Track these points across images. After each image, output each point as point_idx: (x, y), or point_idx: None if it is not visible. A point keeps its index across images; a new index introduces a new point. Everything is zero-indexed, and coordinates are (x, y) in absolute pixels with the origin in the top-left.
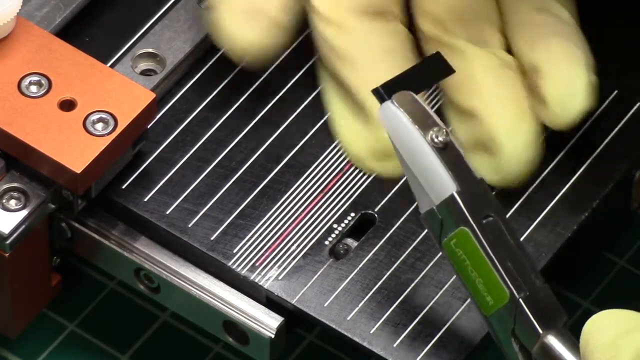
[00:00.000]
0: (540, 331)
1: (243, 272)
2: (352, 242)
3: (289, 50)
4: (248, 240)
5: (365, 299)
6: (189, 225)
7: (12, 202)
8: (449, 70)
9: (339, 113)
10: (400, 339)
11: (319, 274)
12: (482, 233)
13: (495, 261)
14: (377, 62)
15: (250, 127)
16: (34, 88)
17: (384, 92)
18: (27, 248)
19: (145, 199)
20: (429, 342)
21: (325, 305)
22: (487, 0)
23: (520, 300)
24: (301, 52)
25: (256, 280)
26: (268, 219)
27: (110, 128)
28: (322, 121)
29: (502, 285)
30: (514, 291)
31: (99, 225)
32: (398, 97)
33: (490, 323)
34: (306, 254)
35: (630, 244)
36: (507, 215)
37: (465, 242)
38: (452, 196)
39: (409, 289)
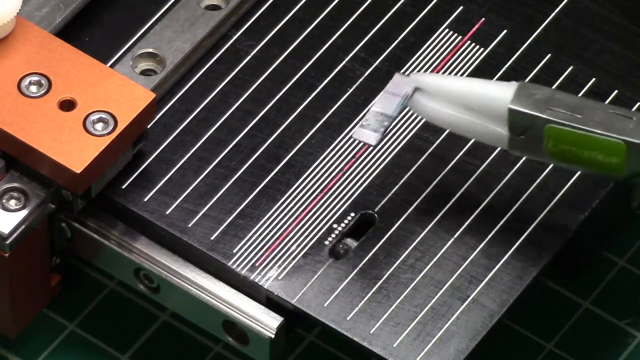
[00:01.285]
0: None
1: (243, 272)
2: (352, 242)
3: (288, 51)
4: (248, 240)
5: (365, 299)
6: (189, 225)
7: (12, 202)
8: None
9: None
10: (400, 339)
11: (319, 274)
12: (558, 117)
13: (588, 127)
14: None
15: (250, 127)
16: (33, 88)
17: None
18: (27, 248)
19: (145, 199)
20: (429, 342)
21: (325, 305)
22: None
23: (630, 139)
24: (301, 52)
25: (256, 280)
26: (268, 219)
27: (110, 128)
28: (322, 121)
29: (611, 139)
30: (623, 136)
31: (99, 225)
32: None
33: (631, 181)
34: (306, 254)
35: (630, 244)
36: (507, 216)
37: (558, 134)
38: (510, 108)
39: (409, 289)
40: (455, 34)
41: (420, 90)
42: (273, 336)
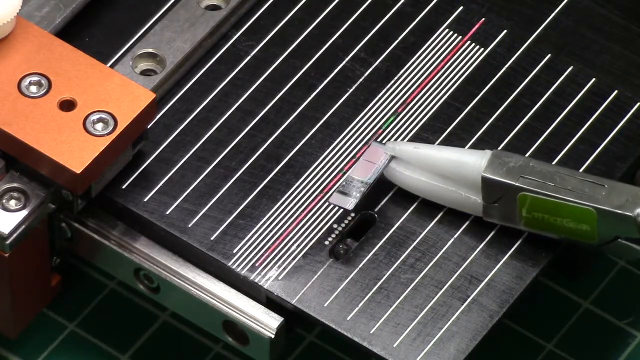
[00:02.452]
0: (631, 214)
1: (243, 272)
2: (352, 242)
3: (288, 51)
4: (248, 240)
5: (365, 299)
6: (189, 225)
7: (12, 202)
8: None
9: None
10: (400, 339)
11: (319, 274)
12: (530, 185)
13: (560, 195)
14: None
15: (250, 127)
16: (33, 88)
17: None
18: (27, 248)
19: (145, 199)
20: (429, 342)
21: (325, 305)
22: None
23: (601, 207)
24: (301, 52)
25: (256, 280)
26: (268, 219)
27: (110, 128)
28: (322, 121)
29: (583, 206)
30: (594, 204)
31: (99, 225)
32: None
33: (606, 248)
34: (306, 254)
35: None
36: None
37: (531, 201)
38: (484, 176)
39: (409, 289)
40: (455, 34)
41: (396, 159)
42: (273, 336)
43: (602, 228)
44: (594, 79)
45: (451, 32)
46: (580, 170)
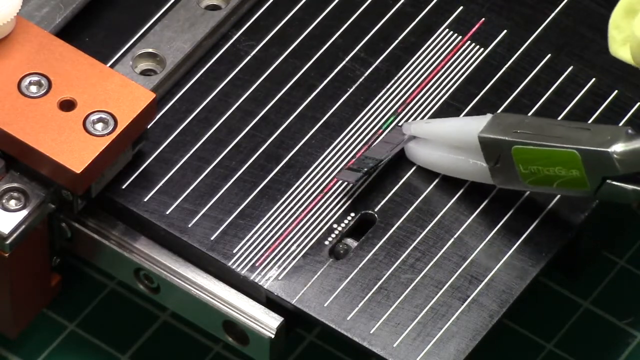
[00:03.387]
0: (608, 149)
1: (243, 272)
2: (352, 242)
3: (288, 51)
4: (248, 240)
5: (365, 299)
6: (189, 225)
7: (12, 202)
8: None
9: None
10: (400, 339)
11: (319, 274)
12: (521, 137)
13: (549, 143)
14: None
15: (250, 127)
16: (33, 88)
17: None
18: (27, 248)
19: (145, 199)
20: (429, 342)
21: (325, 305)
22: None
23: (582, 147)
24: (301, 52)
25: (256, 280)
26: (268, 219)
27: (110, 128)
28: (322, 121)
29: (567, 150)
30: (577, 145)
31: (99, 225)
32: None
33: (599, 193)
34: (306, 254)
35: (630, 244)
36: (507, 215)
37: (524, 154)
38: (480, 137)
39: (409, 289)
40: (455, 34)
41: (415, 139)
42: (273, 336)
43: (588, 171)
44: (594, 79)
45: (451, 32)
46: None
